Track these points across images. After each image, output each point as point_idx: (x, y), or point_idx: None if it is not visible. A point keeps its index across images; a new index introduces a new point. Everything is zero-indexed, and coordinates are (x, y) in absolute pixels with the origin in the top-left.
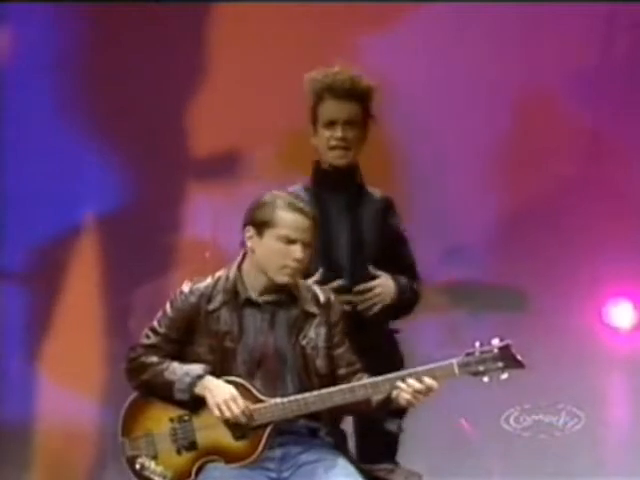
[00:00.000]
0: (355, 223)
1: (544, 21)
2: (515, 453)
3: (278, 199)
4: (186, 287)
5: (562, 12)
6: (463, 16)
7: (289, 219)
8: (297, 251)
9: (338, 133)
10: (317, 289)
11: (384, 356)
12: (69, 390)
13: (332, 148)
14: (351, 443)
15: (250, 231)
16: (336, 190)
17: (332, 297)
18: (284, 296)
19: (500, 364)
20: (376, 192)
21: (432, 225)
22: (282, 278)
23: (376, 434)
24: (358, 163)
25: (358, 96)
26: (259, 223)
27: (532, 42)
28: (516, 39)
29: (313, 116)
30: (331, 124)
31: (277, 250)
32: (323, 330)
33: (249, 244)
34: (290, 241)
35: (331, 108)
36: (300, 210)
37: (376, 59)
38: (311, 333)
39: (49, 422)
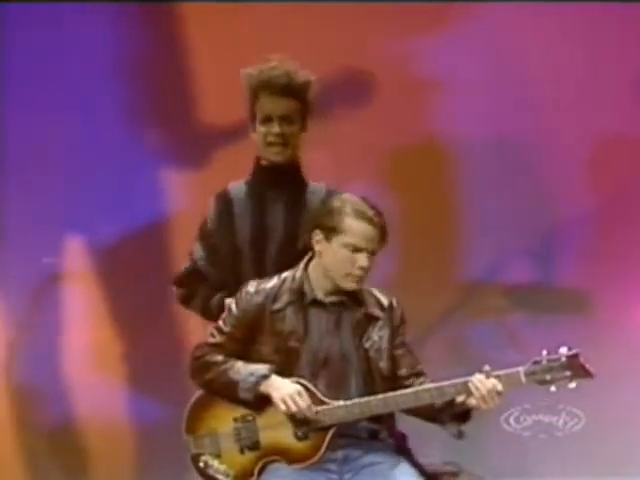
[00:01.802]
0: (292, 220)
1: (608, 22)
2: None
3: (347, 205)
4: (251, 287)
5: (628, 12)
6: (519, 16)
7: (357, 228)
8: (363, 260)
9: (275, 129)
10: (378, 293)
11: None
12: (130, 390)
13: (269, 144)
14: (412, 444)
15: (318, 235)
16: (276, 187)
17: (394, 301)
18: (348, 298)
19: (568, 373)
20: (320, 188)
21: (491, 226)
22: (348, 284)
23: None
24: (299, 159)
25: (294, 91)
26: (327, 228)
27: (596, 42)
28: (579, 39)
29: (251, 112)
30: (268, 120)
31: (343, 257)
32: (386, 332)
33: (317, 247)
34: (357, 249)
35: (267, 104)
36: (369, 219)
37: (434, 60)
38: (374, 336)
39: (111, 421)
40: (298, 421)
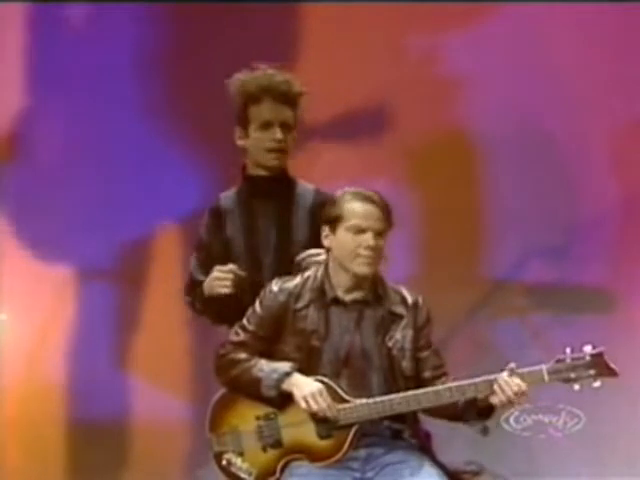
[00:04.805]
0: (284, 226)
1: (634, 19)
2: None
3: (347, 194)
4: (275, 286)
5: None
6: (545, 13)
7: (357, 208)
8: (369, 239)
9: (277, 135)
10: (405, 291)
11: None
12: (157, 388)
13: (269, 150)
14: (436, 444)
15: (325, 230)
16: (265, 196)
17: (420, 299)
18: (370, 295)
19: (592, 372)
20: (308, 191)
21: (515, 224)
22: (360, 268)
23: None
24: (287, 167)
25: (293, 99)
26: (332, 220)
27: (621, 39)
28: (604, 36)
29: (243, 118)
30: (268, 125)
31: (349, 240)
32: (410, 332)
33: (326, 244)
34: (360, 230)
35: (268, 109)
36: (368, 198)
37: (459, 59)
38: (397, 334)
39: (139, 420)
40: (320, 420)
